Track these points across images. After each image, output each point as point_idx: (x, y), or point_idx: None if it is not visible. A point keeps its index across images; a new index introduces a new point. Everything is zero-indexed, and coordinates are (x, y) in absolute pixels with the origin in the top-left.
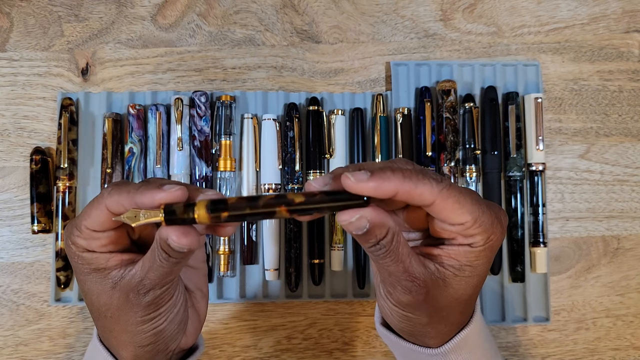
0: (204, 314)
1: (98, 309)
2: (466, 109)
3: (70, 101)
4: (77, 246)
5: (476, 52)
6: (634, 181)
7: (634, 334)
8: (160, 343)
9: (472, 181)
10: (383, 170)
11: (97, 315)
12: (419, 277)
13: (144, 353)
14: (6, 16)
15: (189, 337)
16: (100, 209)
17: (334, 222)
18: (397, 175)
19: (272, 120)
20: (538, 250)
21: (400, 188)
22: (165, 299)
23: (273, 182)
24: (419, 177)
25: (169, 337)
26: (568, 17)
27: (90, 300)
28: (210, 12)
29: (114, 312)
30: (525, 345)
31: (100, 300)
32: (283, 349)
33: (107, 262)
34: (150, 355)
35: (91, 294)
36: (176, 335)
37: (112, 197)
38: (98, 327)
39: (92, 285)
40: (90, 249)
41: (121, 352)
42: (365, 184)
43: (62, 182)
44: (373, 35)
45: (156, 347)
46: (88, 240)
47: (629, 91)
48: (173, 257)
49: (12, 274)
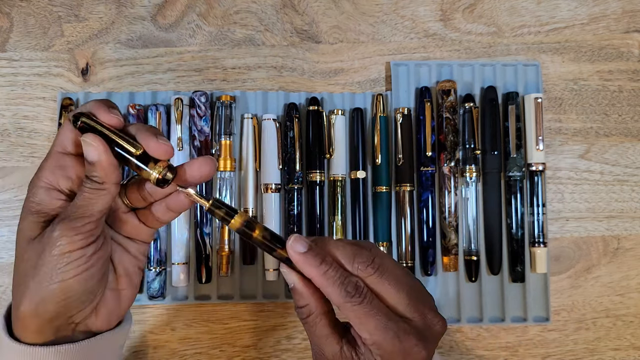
0: (126, 302)
1: (20, 250)
2: (466, 109)
3: (70, 101)
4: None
5: (476, 52)
6: (634, 181)
7: (634, 334)
8: (63, 303)
9: (472, 181)
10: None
11: (17, 257)
12: (328, 356)
13: (44, 310)
14: (6, 16)
15: (100, 318)
16: (64, 123)
17: (334, 221)
18: (321, 269)
19: (272, 120)
20: (538, 250)
21: (315, 278)
22: (78, 242)
23: (273, 182)
24: (335, 280)
25: (74, 299)
26: (568, 17)
27: (18, 240)
28: (210, 12)
29: (33, 253)
30: (525, 345)
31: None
32: (283, 349)
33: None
34: (50, 316)
35: (23, 232)
36: (82, 304)
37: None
38: (15, 275)
39: (27, 223)
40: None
41: (22, 304)
42: (294, 252)
43: None
44: (373, 35)
45: (58, 306)
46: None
47: (629, 91)
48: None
49: (12, 274)
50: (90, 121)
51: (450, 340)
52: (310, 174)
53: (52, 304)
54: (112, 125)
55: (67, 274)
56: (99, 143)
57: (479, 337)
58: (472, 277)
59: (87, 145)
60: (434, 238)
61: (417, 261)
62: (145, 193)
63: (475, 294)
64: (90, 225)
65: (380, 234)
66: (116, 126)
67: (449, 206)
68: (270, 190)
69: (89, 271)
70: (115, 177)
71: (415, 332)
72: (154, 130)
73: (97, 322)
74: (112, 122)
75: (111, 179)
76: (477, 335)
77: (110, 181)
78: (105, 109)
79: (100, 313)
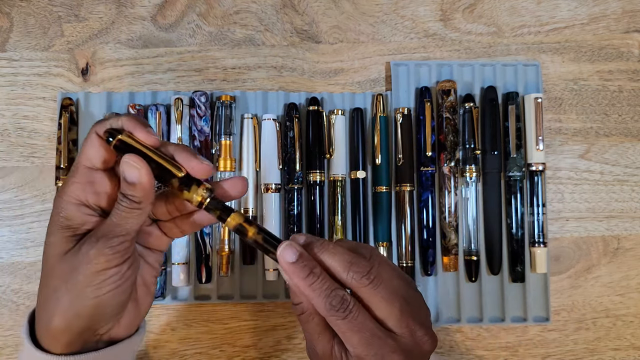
0: (143, 310)
1: (51, 265)
2: (466, 109)
3: (70, 101)
4: (68, 195)
5: (476, 52)
6: (634, 181)
7: (634, 334)
8: (96, 317)
9: (472, 181)
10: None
11: (47, 272)
12: (319, 352)
13: (77, 325)
14: (6, 16)
15: (121, 327)
16: (91, 139)
17: (334, 221)
18: (307, 280)
19: (272, 120)
20: (538, 250)
21: (302, 289)
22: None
23: (273, 182)
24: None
25: (105, 313)
26: (568, 17)
27: (47, 254)
28: (210, 12)
29: (66, 269)
30: (525, 345)
31: (57, 254)
32: (283, 349)
33: (83, 226)
34: (81, 330)
35: (53, 246)
36: (110, 318)
37: (99, 123)
38: (42, 288)
39: (57, 238)
40: (82, 198)
41: (54, 319)
42: (283, 261)
43: (62, 182)
44: (373, 35)
45: (90, 321)
46: (82, 184)
47: (629, 91)
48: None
49: (12, 274)
50: (129, 140)
51: (450, 340)
52: (310, 174)
53: (85, 319)
54: (151, 145)
55: (101, 290)
56: (142, 165)
57: (479, 337)
58: (472, 277)
59: (129, 166)
60: (434, 238)
61: (417, 261)
62: (172, 207)
63: (475, 294)
64: (126, 244)
65: (380, 234)
66: (155, 146)
67: (449, 206)
68: (270, 190)
69: (121, 287)
70: (152, 196)
71: (400, 350)
72: (191, 150)
73: (118, 331)
74: (151, 142)
75: (149, 199)
76: (477, 335)
77: (147, 201)
78: (142, 127)
79: (121, 322)
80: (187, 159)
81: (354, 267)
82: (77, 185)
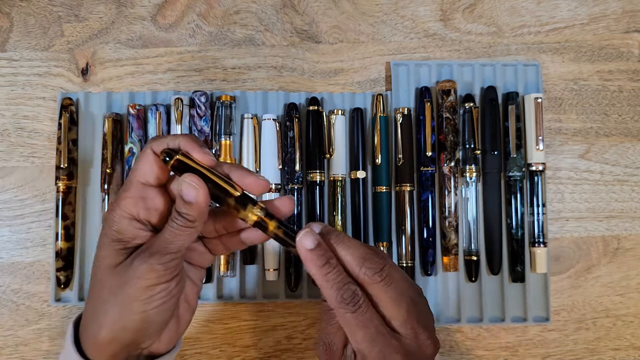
0: (183, 326)
1: (101, 277)
2: (466, 109)
3: (70, 101)
4: (121, 209)
5: (476, 52)
6: (634, 181)
7: (634, 334)
8: (142, 332)
9: (472, 181)
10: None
11: (97, 283)
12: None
13: (123, 338)
14: (6, 16)
15: (162, 343)
16: (146, 155)
17: (334, 221)
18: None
19: (272, 120)
20: (538, 250)
21: (316, 277)
22: (165, 276)
23: (273, 182)
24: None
25: (150, 328)
26: (568, 17)
27: (98, 266)
28: (210, 12)
29: (116, 281)
30: (525, 345)
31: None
32: (283, 349)
33: (134, 240)
34: (127, 343)
35: (104, 259)
36: (155, 333)
37: (156, 140)
38: (90, 299)
39: (108, 251)
40: (134, 213)
41: (101, 331)
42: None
43: (62, 182)
44: (373, 35)
45: (136, 335)
46: (135, 199)
47: (629, 91)
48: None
49: (12, 274)
50: (187, 160)
51: (450, 340)
52: (310, 174)
53: (132, 332)
54: (208, 165)
55: (149, 305)
56: (201, 185)
57: (479, 337)
58: (472, 277)
59: (188, 186)
60: (434, 238)
61: (417, 261)
62: (220, 226)
63: (475, 294)
64: (176, 261)
65: (380, 234)
66: (211, 166)
67: (449, 206)
68: (271, 190)
69: (167, 303)
70: (206, 215)
71: (403, 351)
72: (246, 168)
73: (158, 346)
74: (208, 162)
75: (203, 218)
76: (477, 335)
77: (201, 220)
78: (199, 148)
79: (162, 338)
80: (242, 177)
81: (367, 262)
82: (130, 200)
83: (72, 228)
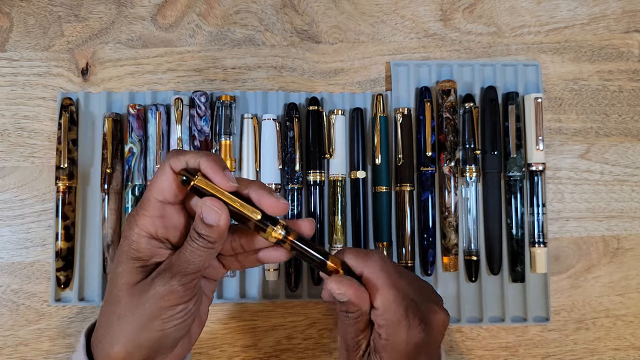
0: (194, 340)
1: (118, 293)
2: (466, 109)
3: (70, 101)
4: (140, 227)
5: (476, 52)
6: (634, 181)
7: (634, 334)
8: (156, 348)
9: (472, 181)
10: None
11: (114, 299)
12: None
13: (137, 354)
14: (6, 16)
15: (173, 357)
16: (165, 172)
17: (334, 221)
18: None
19: (272, 120)
20: (538, 250)
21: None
22: (185, 297)
23: (273, 182)
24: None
25: (165, 345)
26: (568, 17)
27: (115, 282)
28: (210, 12)
29: (135, 299)
30: (525, 345)
31: (126, 284)
32: (283, 349)
33: (152, 258)
34: (140, 359)
35: (121, 276)
36: (169, 349)
37: (175, 157)
38: (105, 313)
39: (126, 268)
40: (153, 232)
41: (115, 347)
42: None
43: (62, 182)
44: (373, 35)
45: (150, 352)
46: (153, 218)
47: (629, 91)
48: (204, 239)
49: (12, 274)
50: (207, 186)
51: (450, 340)
52: (310, 174)
53: (145, 349)
54: (229, 190)
55: (168, 324)
56: (224, 210)
57: (479, 337)
58: (472, 277)
59: (210, 210)
60: (434, 238)
61: (417, 261)
62: (238, 244)
63: (475, 294)
64: (196, 281)
65: (380, 234)
66: (232, 191)
67: (449, 206)
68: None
69: (186, 322)
70: (225, 235)
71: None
72: (267, 187)
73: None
74: (229, 188)
75: (222, 239)
76: (477, 335)
77: (221, 241)
78: (221, 171)
79: (174, 352)
80: (261, 198)
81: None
82: (149, 219)
83: (72, 228)
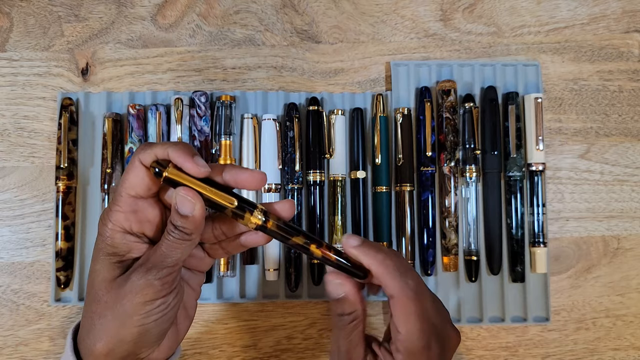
0: (182, 334)
1: (97, 291)
2: (466, 109)
3: (70, 101)
4: (113, 223)
5: (476, 52)
6: (634, 181)
7: (634, 334)
8: (139, 344)
9: (472, 181)
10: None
11: (93, 298)
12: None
13: (121, 350)
14: (6, 16)
15: (160, 351)
16: (134, 167)
17: (334, 221)
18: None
19: (272, 120)
20: (538, 250)
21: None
22: (163, 290)
23: (273, 182)
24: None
25: (148, 340)
26: (568, 17)
27: (93, 280)
28: (210, 12)
29: (113, 296)
30: (525, 345)
31: (104, 281)
32: (283, 349)
33: (129, 253)
34: (124, 354)
35: (99, 273)
36: (153, 344)
37: (143, 150)
38: (86, 313)
39: (103, 265)
40: (127, 227)
41: (97, 344)
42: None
43: (62, 182)
44: (373, 35)
45: (134, 347)
46: (126, 213)
47: (629, 91)
48: (180, 230)
49: (12, 274)
50: (179, 175)
51: None
52: (310, 174)
53: (129, 345)
54: (201, 176)
55: (147, 319)
56: (198, 200)
57: (479, 337)
58: (472, 277)
59: (184, 200)
60: (434, 238)
61: (417, 261)
62: (219, 232)
63: (475, 294)
64: (175, 274)
65: (380, 234)
66: (204, 177)
67: (449, 206)
68: (271, 190)
69: (166, 315)
70: (202, 226)
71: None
72: (239, 166)
73: (157, 355)
74: (201, 174)
75: (200, 230)
76: (477, 335)
77: (198, 232)
78: (191, 159)
79: (161, 346)
80: (236, 174)
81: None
82: (121, 214)
83: (72, 228)
